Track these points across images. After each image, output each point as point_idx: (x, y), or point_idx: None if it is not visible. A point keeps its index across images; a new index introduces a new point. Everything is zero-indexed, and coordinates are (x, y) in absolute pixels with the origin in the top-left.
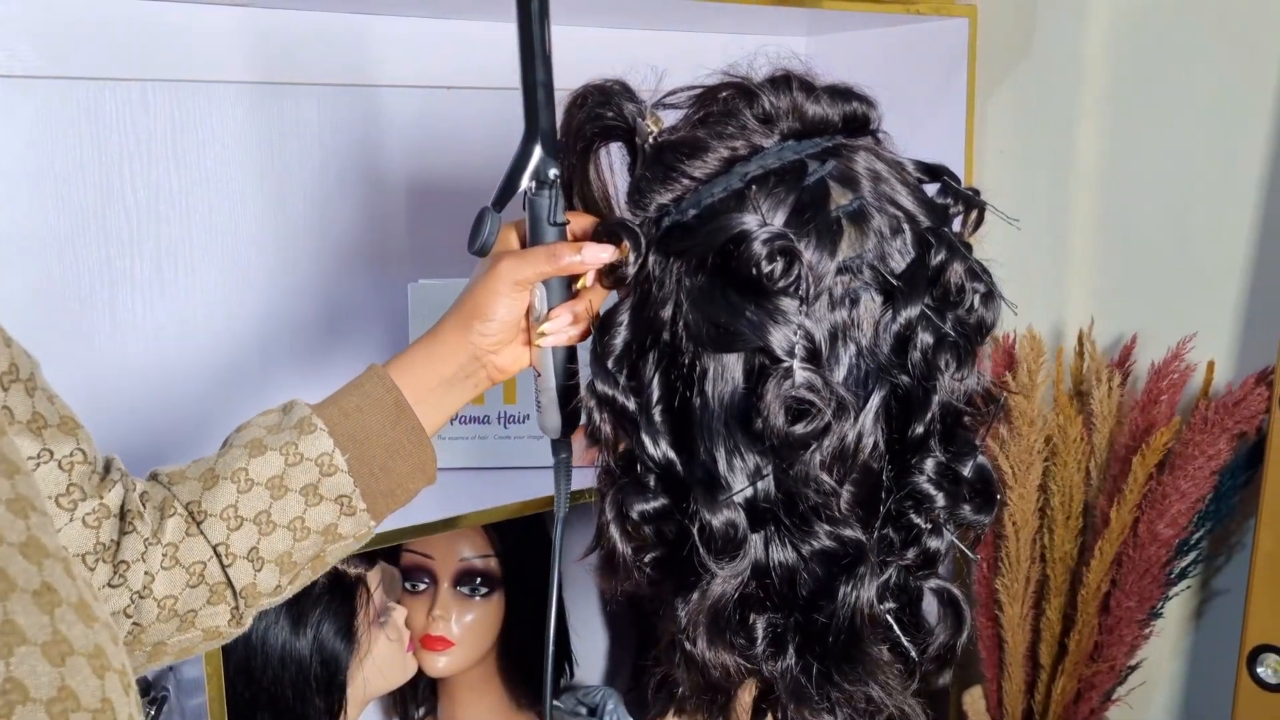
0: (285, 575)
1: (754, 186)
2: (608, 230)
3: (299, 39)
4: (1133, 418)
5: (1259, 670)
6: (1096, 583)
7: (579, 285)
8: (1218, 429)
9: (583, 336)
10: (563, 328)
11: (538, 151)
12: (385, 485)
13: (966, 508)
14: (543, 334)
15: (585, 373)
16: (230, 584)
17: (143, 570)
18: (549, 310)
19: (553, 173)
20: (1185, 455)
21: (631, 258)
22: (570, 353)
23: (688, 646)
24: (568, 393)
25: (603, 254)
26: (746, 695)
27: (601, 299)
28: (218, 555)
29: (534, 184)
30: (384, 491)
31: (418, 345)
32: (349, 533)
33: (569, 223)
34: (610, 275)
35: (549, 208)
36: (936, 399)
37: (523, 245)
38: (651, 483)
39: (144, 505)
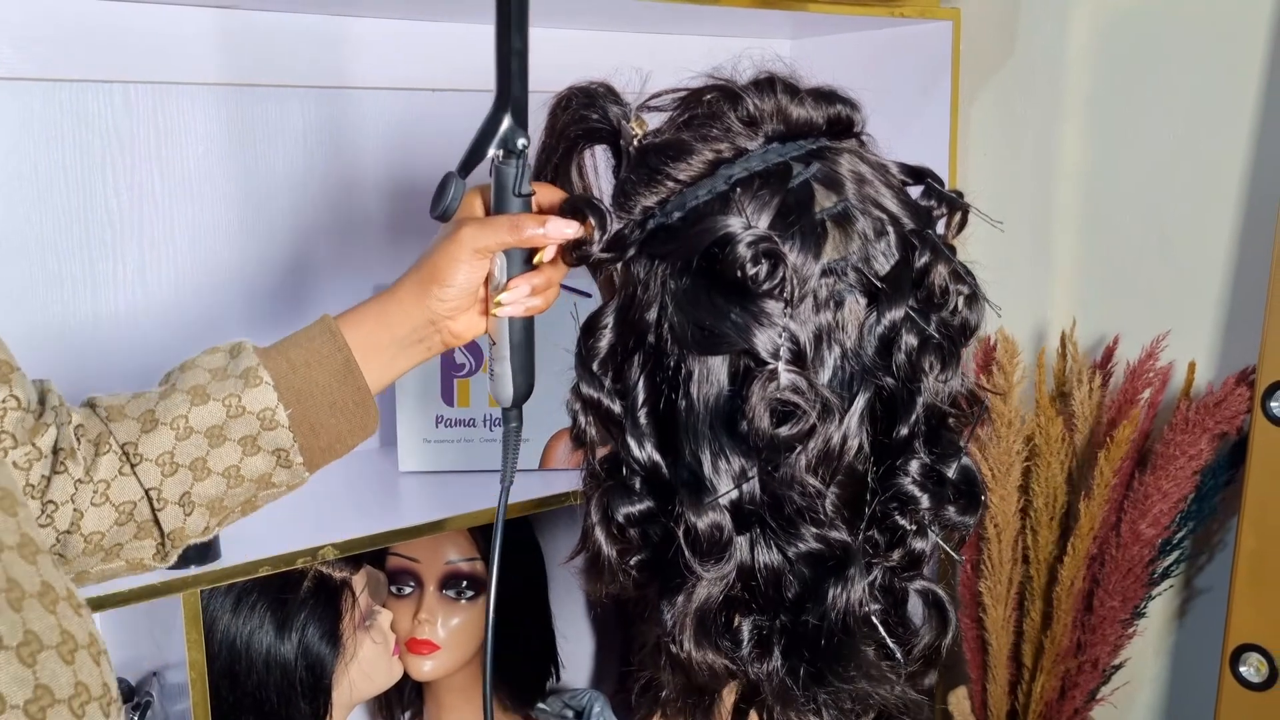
0: (214, 518)
1: (739, 189)
2: (573, 206)
3: (281, 41)
4: (1109, 417)
5: (1241, 669)
6: (1070, 579)
7: (538, 259)
8: (1199, 429)
9: (540, 309)
10: (520, 299)
11: (507, 120)
12: (324, 441)
13: (951, 509)
14: (499, 304)
15: (546, 350)
16: (159, 525)
17: (71, 509)
18: (508, 280)
19: (520, 142)
20: (1166, 455)
21: (596, 235)
22: (527, 324)
23: (673, 649)
24: (526, 367)
25: (567, 229)
26: (729, 697)
27: (563, 275)
28: (149, 498)
29: (501, 152)
30: (322, 447)
31: (372, 302)
32: (282, 482)
33: (534, 194)
34: (573, 252)
35: (515, 177)
36: (921, 401)
37: (488, 213)
38: (637, 485)
39: (78, 440)
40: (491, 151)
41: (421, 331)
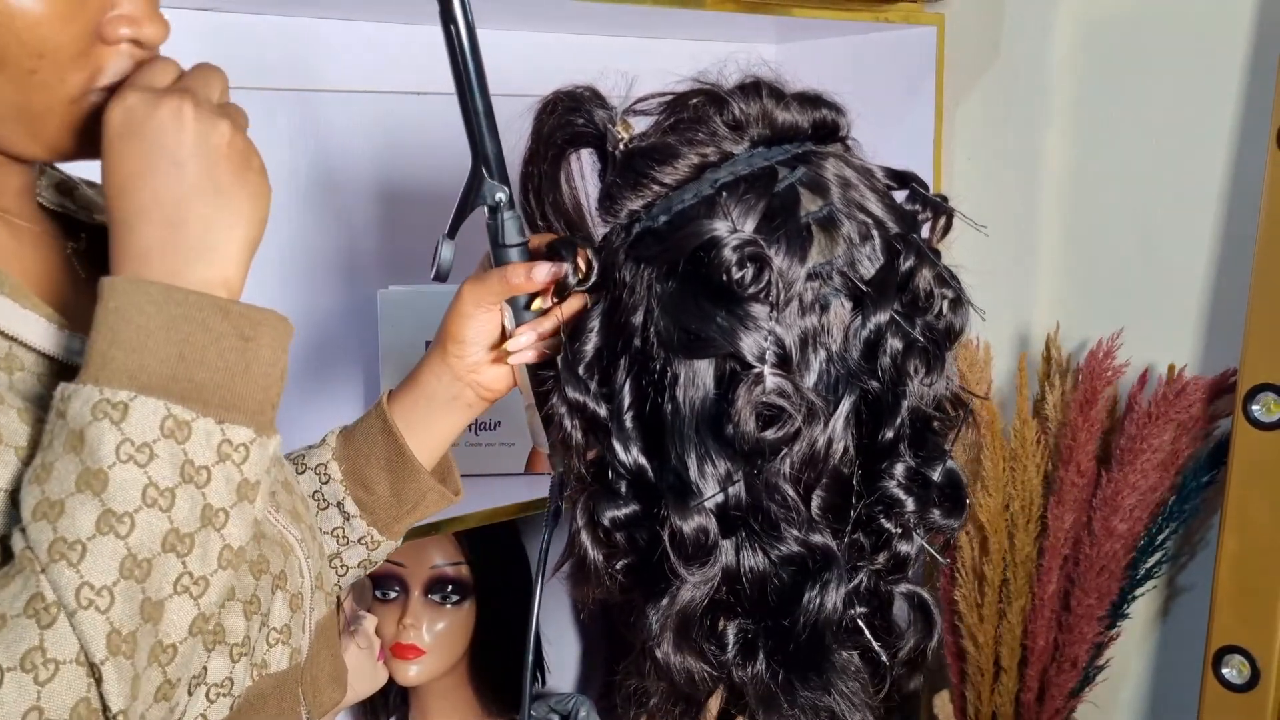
0: None
1: (724, 193)
2: (550, 249)
3: (265, 44)
4: (1072, 418)
5: (1224, 671)
6: (1026, 575)
7: (535, 305)
8: (1161, 420)
9: (557, 349)
10: (526, 345)
11: (485, 179)
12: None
13: (936, 512)
14: (508, 352)
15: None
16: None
17: None
18: (515, 328)
19: (499, 196)
20: (1132, 450)
21: (569, 271)
22: (544, 367)
23: (658, 654)
24: (543, 405)
25: (551, 271)
26: (714, 703)
27: (571, 311)
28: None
29: (486, 209)
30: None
31: (412, 372)
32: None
33: (525, 241)
34: (560, 292)
35: (499, 231)
36: (906, 404)
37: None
38: (623, 489)
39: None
40: (485, 206)
41: (452, 389)
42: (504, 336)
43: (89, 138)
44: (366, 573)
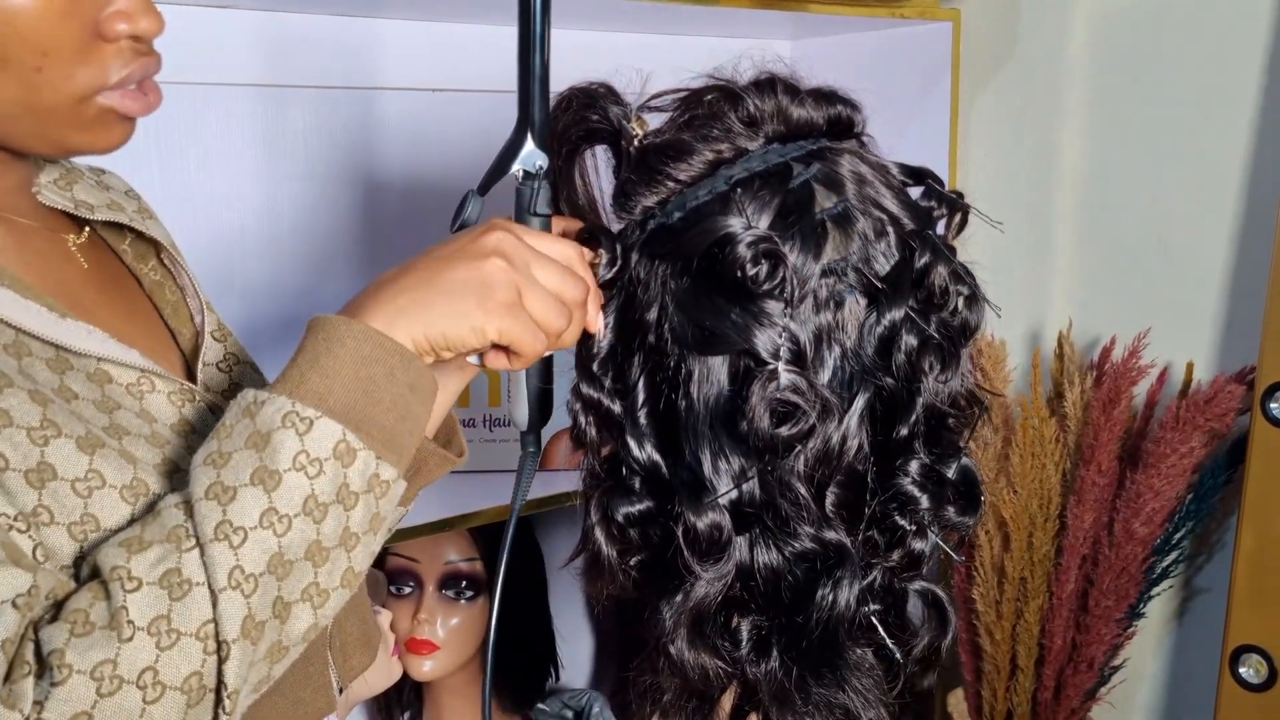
0: None
1: (739, 189)
2: (588, 234)
3: (285, 42)
4: (1095, 417)
5: (1241, 670)
6: (1044, 573)
7: None
8: (1190, 426)
9: None
10: None
11: (528, 142)
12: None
13: (951, 509)
14: None
15: (565, 373)
16: None
17: None
18: None
19: (539, 164)
20: (1158, 454)
21: (603, 261)
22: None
23: (672, 650)
24: (541, 392)
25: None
26: (728, 700)
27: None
28: None
29: (521, 173)
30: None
31: None
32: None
33: (550, 215)
34: None
35: (530, 198)
36: (921, 401)
37: None
38: (637, 485)
39: None
40: (514, 168)
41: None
42: None
43: (95, 136)
44: (383, 541)
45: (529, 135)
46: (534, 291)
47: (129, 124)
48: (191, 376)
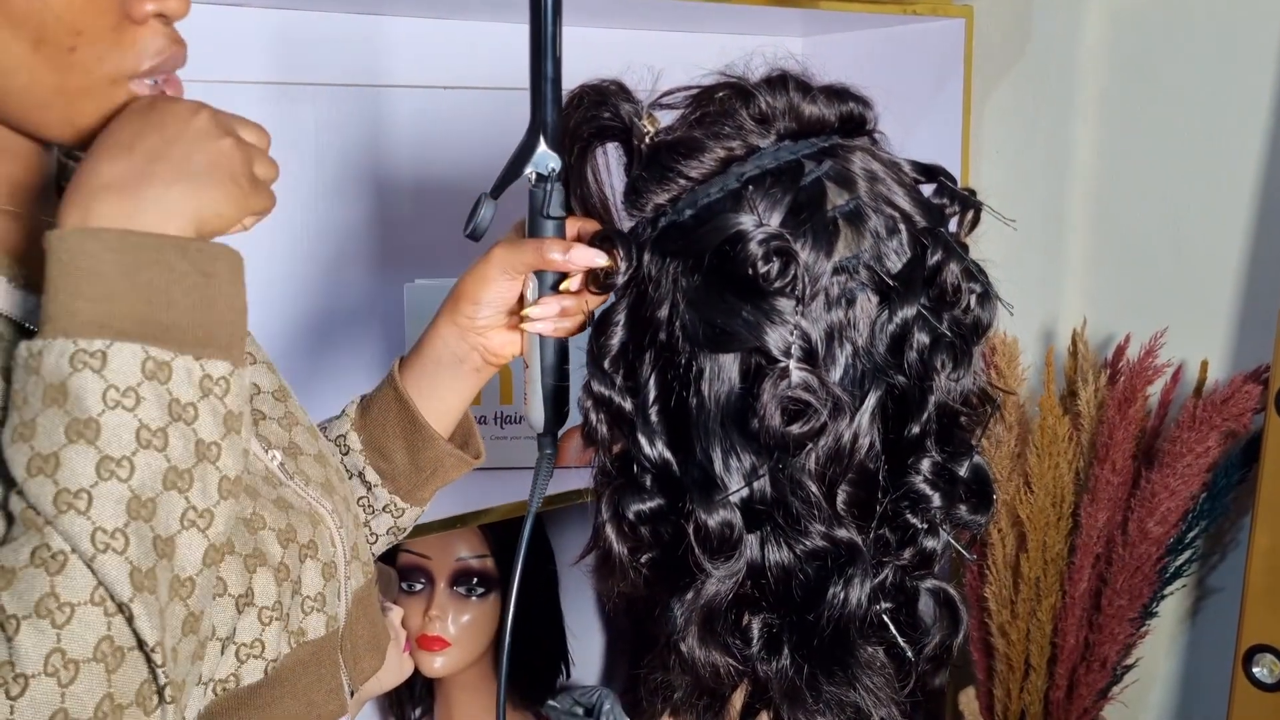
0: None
1: (750, 187)
2: (603, 237)
3: (295, 39)
4: (1110, 416)
5: (1255, 670)
6: (1056, 572)
7: (564, 286)
8: (1206, 426)
9: (570, 332)
10: (548, 316)
11: (541, 145)
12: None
13: (963, 508)
14: (527, 317)
15: (580, 375)
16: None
17: None
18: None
19: (551, 166)
20: (1174, 453)
21: (622, 267)
22: (561, 352)
23: (682, 648)
24: (557, 393)
25: (597, 259)
26: (738, 698)
27: (597, 303)
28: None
29: (534, 175)
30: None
31: (419, 339)
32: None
33: (564, 217)
34: (598, 283)
35: (544, 200)
36: (933, 399)
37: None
38: (648, 483)
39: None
40: (527, 171)
41: (458, 351)
42: (521, 304)
43: None
44: (398, 540)
45: (542, 138)
46: (262, 159)
47: None
48: None
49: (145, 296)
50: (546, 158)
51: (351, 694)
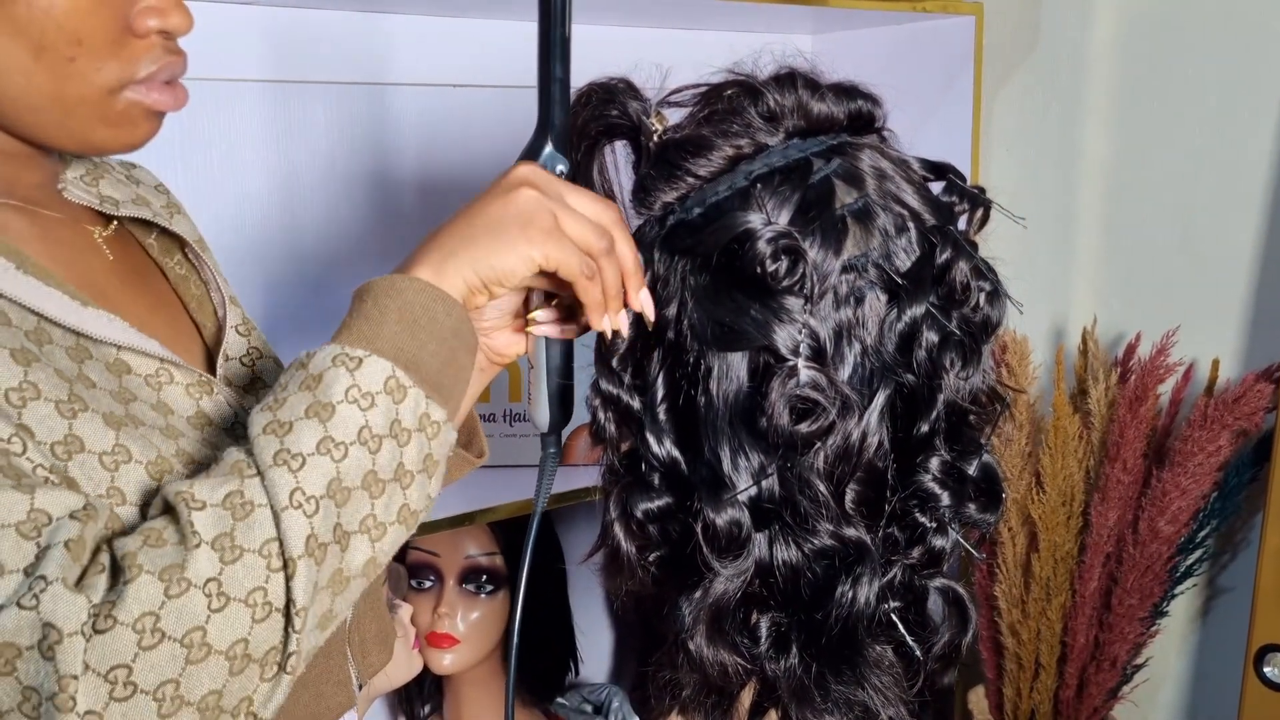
0: None
1: (759, 185)
2: None
3: (305, 37)
4: (1121, 415)
5: (1266, 670)
6: (1066, 571)
7: None
8: (1218, 425)
9: (575, 333)
10: (552, 319)
11: (548, 147)
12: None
13: (972, 506)
14: (532, 320)
15: (586, 374)
16: None
17: None
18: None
19: (560, 169)
20: (1185, 452)
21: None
22: (567, 353)
23: (690, 646)
24: (562, 393)
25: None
26: (747, 696)
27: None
28: None
29: None
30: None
31: None
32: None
33: None
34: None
35: None
36: (942, 398)
37: None
38: (656, 481)
39: None
40: None
41: None
42: (527, 306)
43: (120, 131)
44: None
45: (549, 139)
46: (569, 214)
47: (155, 121)
48: (213, 370)
49: (410, 331)
50: (554, 159)
51: (360, 687)
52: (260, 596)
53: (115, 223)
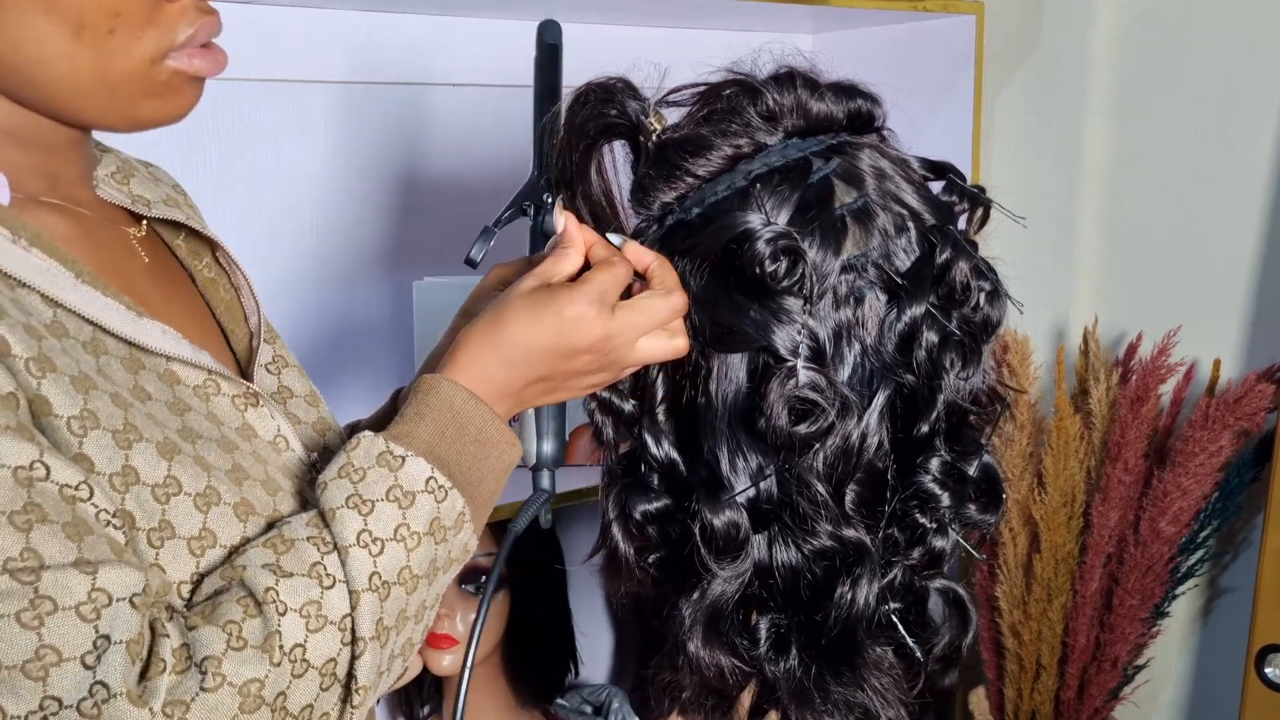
0: None
1: (758, 184)
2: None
3: (303, 37)
4: (1122, 415)
5: (1267, 670)
6: (1067, 571)
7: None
8: (1219, 425)
9: None
10: None
11: (544, 190)
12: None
13: (972, 507)
14: None
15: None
16: None
17: None
18: None
19: (546, 196)
20: (1187, 452)
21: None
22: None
23: (689, 648)
24: (553, 423)
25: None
26: (747, 698)
27: None
28: None
29: (531, 209)
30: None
31: (429, 356)
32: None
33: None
34: None
35: (539, 217)
36: (942, 398)
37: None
38: (655, 482)
39: None
40: (526, 205)
41: None
42: None
43: (165, 101)
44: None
45: (545, 178)
46: (634, 357)
47: (198, 86)
48: (246, 377)
49: (451, 439)
50: (541, 192)
51: None
52: (331, 667)
53: (145, 223)
